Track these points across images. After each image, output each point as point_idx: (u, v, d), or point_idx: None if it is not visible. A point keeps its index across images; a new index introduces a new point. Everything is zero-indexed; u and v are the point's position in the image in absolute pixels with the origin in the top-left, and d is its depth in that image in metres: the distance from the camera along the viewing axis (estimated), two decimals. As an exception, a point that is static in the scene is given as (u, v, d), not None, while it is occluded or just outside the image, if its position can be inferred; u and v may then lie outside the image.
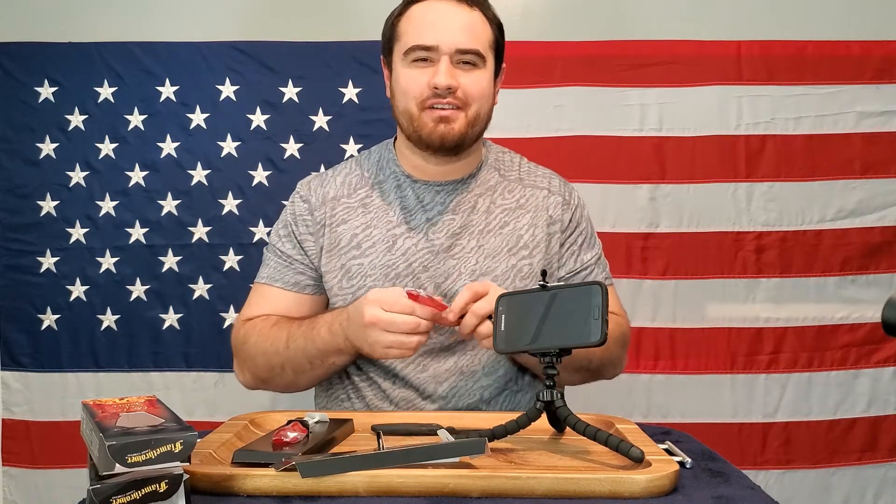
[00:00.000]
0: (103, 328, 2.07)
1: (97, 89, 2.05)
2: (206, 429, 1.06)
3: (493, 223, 1.32)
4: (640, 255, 2.04)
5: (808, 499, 2.07)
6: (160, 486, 0.77)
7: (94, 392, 2.04)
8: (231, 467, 0.90)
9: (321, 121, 2.05)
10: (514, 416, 1.01)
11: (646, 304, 2.04)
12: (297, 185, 1.39)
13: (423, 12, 1.26)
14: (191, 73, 2.04)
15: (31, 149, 2.06)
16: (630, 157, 2.03)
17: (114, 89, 2.05)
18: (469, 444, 0.89)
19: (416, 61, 1.25)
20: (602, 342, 0.93)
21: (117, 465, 0.74)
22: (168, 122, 2.05)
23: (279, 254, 1.35)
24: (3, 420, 2.09)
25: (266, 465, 0.88)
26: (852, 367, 2.06)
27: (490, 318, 1.08)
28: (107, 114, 2.05)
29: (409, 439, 1.02)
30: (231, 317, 2.05)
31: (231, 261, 2.06)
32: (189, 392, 2.06)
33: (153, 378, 2.06)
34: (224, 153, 2.05)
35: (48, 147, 2.06)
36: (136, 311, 2.06)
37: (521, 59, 1.99)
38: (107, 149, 2.05)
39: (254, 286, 1.37)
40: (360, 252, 1.30)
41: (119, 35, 2.04)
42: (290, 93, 2.04)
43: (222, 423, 1.11)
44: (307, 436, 0.99)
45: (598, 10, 2.03)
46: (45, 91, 2.05)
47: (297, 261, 1.34)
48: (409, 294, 1.11)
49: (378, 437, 1.01)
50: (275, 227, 1.39)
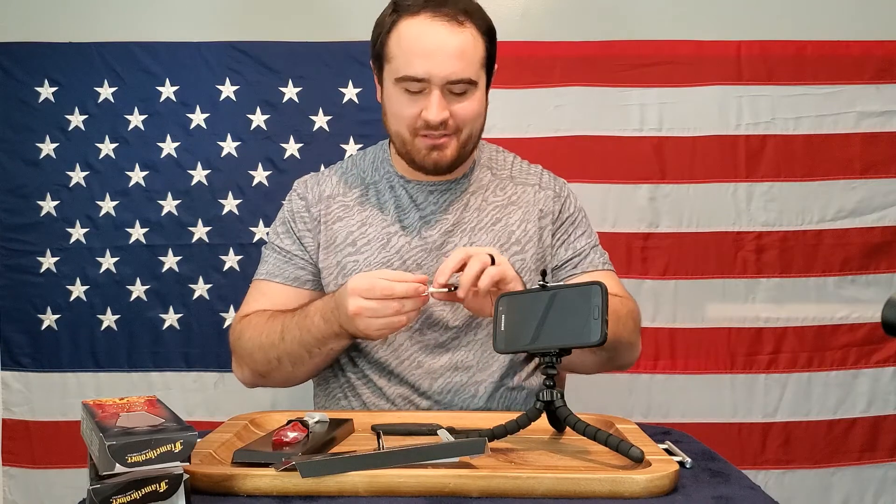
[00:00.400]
0: (103, 328, 2.07)
1: (97, 89, 2.05)
2: (206, 429, 1.06)
3: (484, 220, 1.33)
4: (640, 255, 2.04)
5: (808, 499, 2.07)
6: (160, 486, 0.77)
7: (94, 392, 2.04)
8: (231, 467, 0.90)
9: (321, 121, 2.05)
10: (513, 415, 1.01)
11: (646, 304, 2.03)
12: (294, 184, 1.41)
13: (414, 35, 1.21)
14: (191, 73, 2.04)
15: (31, 149, 2.06)
16: (630, 157, 2.03)
17: (114, 89, 2.05)
18: (469, 444, 0.89)
19: (407, 89, 1.22)
20: (602, 342, 0.93)
21: (117, 465, 0.74)
22: (168, 122, 2.05)
23: (278, 250, 1.36)
24: (3, 420, 2.09)
25: (266, 465, 0.88)
26: (852, 367, 2.06)
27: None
28: (107, 114, 2.05)
29: (409, 439, 1.02)
30: (231, 317, 2.05)
31: (231, 261, 2.06)
32: (189, 392, 2.06)
33: (153, 378, 2.07)
34: (224, 153, 2.05)
35: (48, 147, 2.06)
36: (136, 311, 2.06)
37: (521, 59, 1.99)
38: (107, 149, 2.05)
39: (252, 284, 1.38)
40: (356, 249, 1.31)
41: (119, 35, 2.04)
42: (290, 93, 2.04)
43: (222, 423, 1.11)
44: (307, 436, 0.99)
45: (598, 10, 2.03)
46: (45, 91, 2.05)
47: (296, 256, 1.34)
48: None
49: (378, 437, 1.01)
50: (272, 226, 1.40)
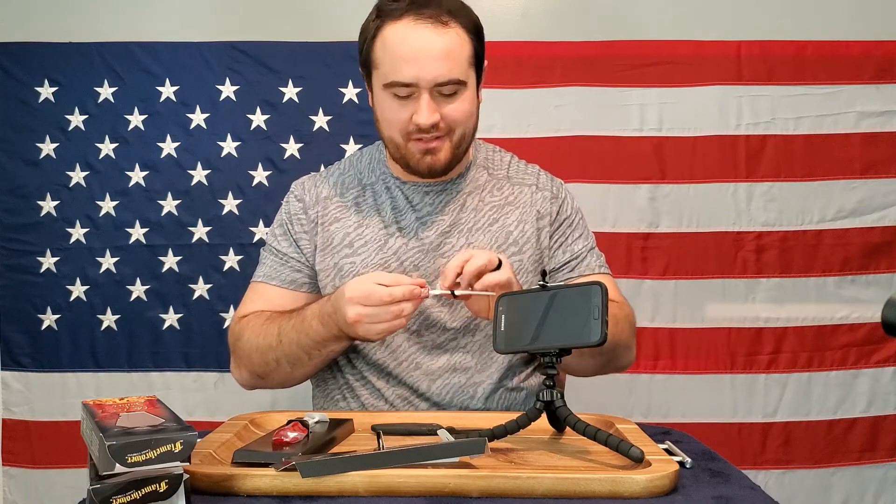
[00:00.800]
0: (103, 328, 2.07)
1: (97, 89, 2.05)
2: (206, 429, 1.06)
3: (481, 221, 1.32)
4: (640, 255, 2.04)
5: (808, 499, 2.07)
6: (160, 486, 0.77)
7: (94, 392, 2.04)
8: (231, 467, 0.90)
9: (321, 121, 2.05)
10: (513, 415, 1.01)
11: (646, 304, 2.04)
12: (292, 186, 1.41)
13: (398, 40, 1.19)
14: (191, 73, 2.04)
15: (31, 149, 2.06)
16: (630, 157, 2.03)
17: (114, 89, 2.05)
18: (469, 444, 0.89)
19: (396, 94, 1.21)
20: (602, 342, 0.93)
21: (117, 465, 0.74)
22: (168, 122, 2.05)
23: (275, 252, 1.36)
24: (3, 420, 2.09)
25: (266, 465, 0.88)
26: (852, 367, 2.06)
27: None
28: (107, 114, 2.05)
29: (409, 439, 1.02)
30: (231, 317, 2.05)
31: (231, 261, 2.06)
32: (189, 392, 2.06)
33: (153, 378, 2.07)
34: (224, 153, 2.05)
35: (48, 147, 2.06)
36: (136, 311, 2.06)
37: (521, 59, 1.99)
38: (107, 149, 2.05)
39: (250, 285, 1.38)
40: (353, 251, 1.31)
41: (119, 35, 2.04)
42: (290, 93, 2.04)
43: (222, 423, 1.11)
44: (307, 436, 0.99)
45: (598, 10, 2.03)
46: (45, 91, 2.05)
47: (293, 259, 1.35)
48: None
49: (378, 437, 1.01)
50: (271, 228, 1.40)
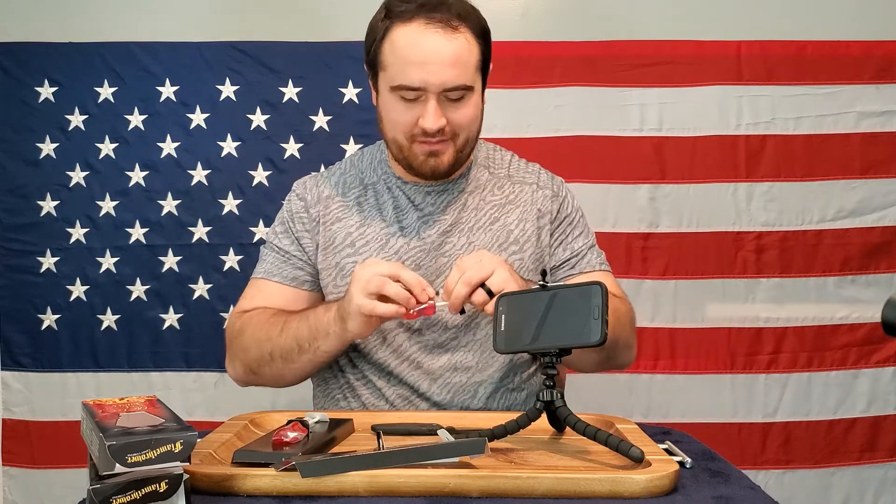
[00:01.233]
0: (103, 328, 2.07)
1: (97, 89, 2.05)
2: (206, 429, 1.06)
3: (482, 220, 1.32)
4: (640, 255, 2.04)
5: (808, 499, 2.07)
6: (160, 486, 0.77)
7: (94, 392, 2.04)
8: (231, 467, 0.90)
9: (321, 121, 2.05)
10: (513, 415, 1.01)
11: (646, 304, 2.04)
12: (294, 185, 1.41)
13: (408, 44, 1.19)
14: (191, 73, 2.04)
15: (31, 149, 2.06)
16: (630, 157, 2.03)
17: (114, 89, 2.05)
18: (469, 444, 0.89)
19: (403, 97, 1.21)
20: (602, 342, 0.93)
21: (117, 465, 0.74)
22: (168, 122, 2.05)
23: (277, 250, 1.36)
24: (3, 420, 2.09)
25: (266, 465, 0.88)
26: (852, 367, 2.06)
27: (483, 285, 1.10)
28: (107, 114, 2.05)
29: (409, 439, 1.02)
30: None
31: (231, 261, 2.06)
32: (189, 392, 2.06)
33: (153, 378, 2.07)
34: (224, 153, 2.05)
35: (48, 147, 2.06)
36: (136, 311, 2.06)
37: (521, 59, 1.99)
38: (107, 149, 2.05)
39: (250, 281, 1.38)
40: (354, 250, 1.31)
41: (119, 35, 2.04)
42: (290, 93, 2.04)
43: (222, 423, 1.11)
44: (307, 436, 0.99)
45: (598, 10, 2.03)
46: (45, 91, 2.05)
47: (294, 256, 1.34)
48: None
49: (378, 437, 1.01)
50: (272, 225, 1.40)
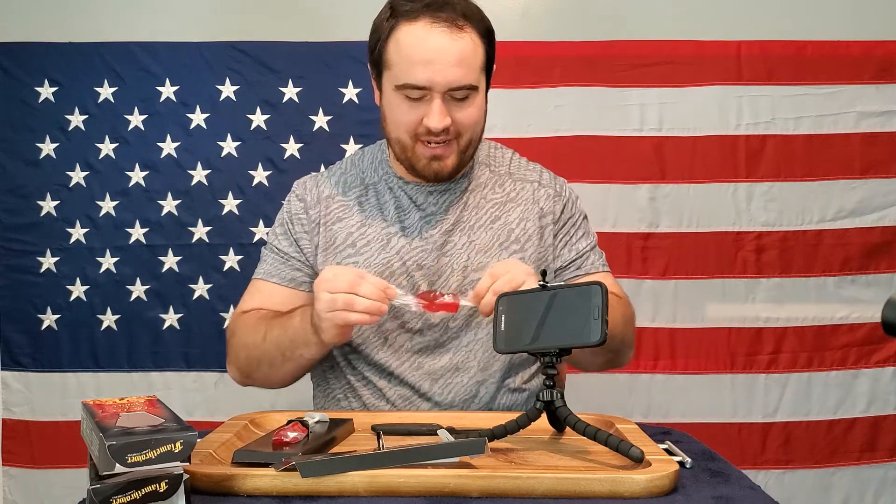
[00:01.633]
0: (103, 328, 2.07)
1: (97, 89, 2.05)
2: (206, 429, 1.06)
3: (483, 218, 1.32)
4: (640, 255, 2.04)
5: (808, 499, 2.07)
6: (160, 486, 0.77)
7: (94, 392, 2.04)
8: (231, 467, 0.90)
9: (321, 121, 2.05)
10: (513, 415, 1.01)
11: (646, 304, 2.04)
12: (293, 185, 1.40)
13: (413, 42, 1.18)
14: (191, 73, 2.04)
15: (31, 149, 2.06)
16: (630, 157, 2.03)
17: (114, 89, 2.05)
18: (469, 444, 0.89)
19: (407, 96, 1.20)
20: (602, 342, 0.93)
21: (117, 465, 0.74)
22: (168, 122, 2.05)
23: (276, 251, 1.36)
24: (3, 420, 2.09)
25: (266, 465, 0.88)
26: (852, 367, 2.06)
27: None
28: (107, 114, 2.05)
29: (409, 439, 1.02)
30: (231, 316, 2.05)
31: (231, 261, 2.06)
32: (189, 392, 2.06)
33: (153, 378, 2.07)
34: (224, 153, 2.05)
35: (48, 147, 2.06)
36: (136, 311, 2.06)
37: (520, 59, 2.00)
38: (107, 149, 2.05)
39: (251, 282, 1.38)
40: (356, 251, 1.31)
41: (119, 35, 2.04)
42: (290, 93, 2.04)
43: (222, 423, 1.11)
44: (307, 436, 0.99)
45: (598, 10, 2.03)
46: (45, 91, 2.05)
47: (293, 258, 1.35)
48: (421, 296, 1.15)
49: (378, 437, 1.01)
50: (272, 226, 1.40)
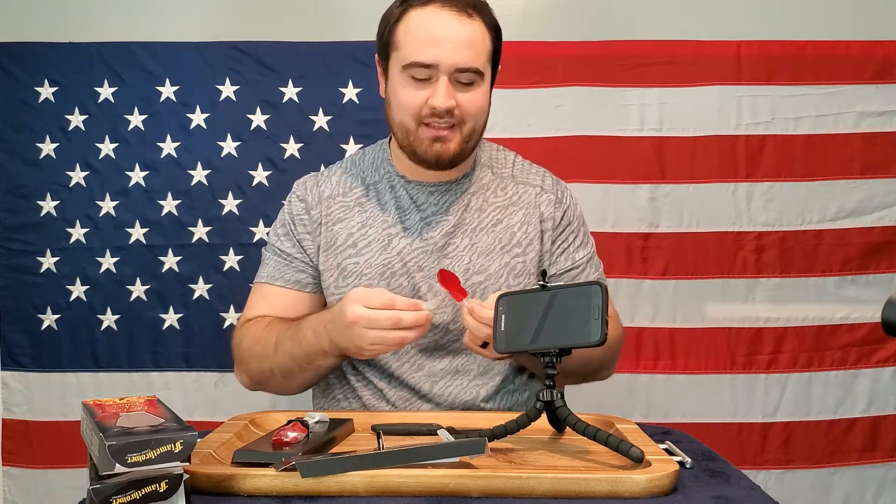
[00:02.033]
0: (103, 328, 2.07)
1: (97, 89, 2.05)
2: (206, 429, 1.06)
3: (485, 221, 1.32)
4: (640, 255, 2.04)
5: (808, 499, 2.06)
6: (160, 486, 0.77)
7: (94, 392, 2.04)
8: (231, 467, 0.90)
9: (321, 121, 2.05)
10: (513, 416, 1.01)
11: (646, 304, 2.04)
12: (294, 185, 1.40)
13: (423, 24, 1.21)
14: (191, 73, 2.04)
15: (31, 149, 2.06)
16: (630, 157, 2.03)
17: (114, 89, 2.05)
18: (469, 444, 0.89)
19: (414, 77, 1.21)
20: (602, 342, 0.93)
21: (117, 465, 0.74)
22: (168, 122, 2.05)
23: (279, 253, 1.35)
24: (3, 420, 2.09)
25: (266, 465, 0.88)
26: (852, 367, 2.06)
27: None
28: (107, 114, 2.05)
29: (409, 439, 1.02)
30: (231, 317, 2.05)
31: (231, 261, 2.06)
32: (189, 392, 2.06)
33: (153, 378, 2.06)
34: (224, 153, 2.05)
35: (48, 147, 2.06)
36: (136, 311, 2.06)
37: (521, 59, 1.99)
38: (107, 149, 2.05)
39: (253, 286, 1.37)
40: (356, 251, 1.30)
41: (119, 35, 2.04)
42: (290, 93, 2.04)
43: (222, 423, 1.11)
44: (307, 436, 0.99)
45: (599, 10, 2.03)
46: (45, 91, 2.05)
47: (296, 259, 1.34)
48: (442, 272, 1.18)
49: (378, 437, 1.01)
50: (273, 227, 1.39)
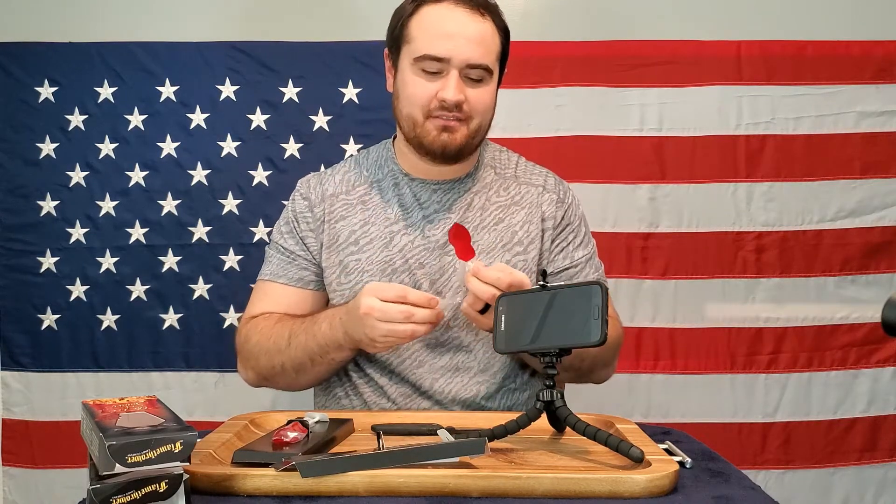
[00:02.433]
0: (103, 328, 2.07)
1: (97, 89, 2.05)
2: (206, 429, 1.06)
3: (487, 220, 1.32)
4: (640, 255, 2.04)
5: (808, 499, 2.06)
6: (160, 486, 0.77)
7: (94, 392, 2.04)
8: (231, 467, 0.90)
9: (321, 121, 2.05)
10: (513, 415, 1.01)
11: (646, 304, 2.04)
12: (297, 184, 1.41)
13: (437, 18, 1.23)
14: (191, 73, 2.04)
15: (31, 149, 2.06)
16: (630, 157, 2.03)
17: (114, 89, 2.05)
18: (469, 444, 0.89)
19: (425, 70, 1.23)
20: (602, 342, 0.93)
21: (117, 465, 0.74)
22: (168, 122, 2.05)
23: (282, 250, 1.36)
24: (3, 420, 2.09)
25: (266, 465, 0.88)
26: (852, 367, 2.06)
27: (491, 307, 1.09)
28: (107, 114, 2.05)
29: (409, 439, 1.02)
30: (231, 317, 2.05)
31: (231, 261, 2.06)
32: (189, 392, 2.06)
33: (153, 378, 2.06)
34: (224, 153, 2.05)
35: (48, 147, 2.06)
36: (136, 311, 2.06)
37: (521, 59, 1.99)
38: (107, 149, 2.05)
39: (256, 284, 1.38)
40: (358, 248, 1.31)
41: (119, 35, 2.04)
42: (290, 93, 2.04)
43: (222, 423, 1.11)
44: (307, 436, 0.99)
45: (599, 10, 2.03)
46: (45, 91, 2.05)
47: (300, 257, 1.35)
48: (456, 226, 1.17)
49: (378, 437, 1.01)
50: (276, 225, 1.40)
